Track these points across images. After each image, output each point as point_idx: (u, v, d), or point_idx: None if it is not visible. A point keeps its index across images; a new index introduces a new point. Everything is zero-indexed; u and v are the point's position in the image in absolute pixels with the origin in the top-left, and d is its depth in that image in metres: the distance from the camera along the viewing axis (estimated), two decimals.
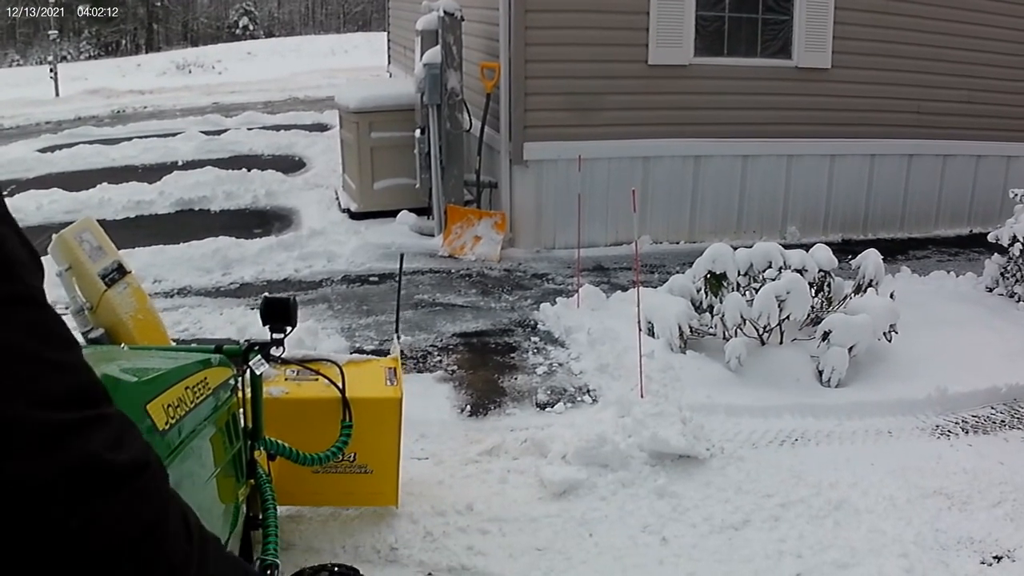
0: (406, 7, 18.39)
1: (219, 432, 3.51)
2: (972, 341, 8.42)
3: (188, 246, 10.69)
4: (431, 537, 5.39)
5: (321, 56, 40.12)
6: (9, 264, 1.18)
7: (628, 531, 5.55)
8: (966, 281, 10.07)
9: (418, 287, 10.10)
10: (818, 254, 8.02)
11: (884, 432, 7.05)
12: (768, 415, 7.09)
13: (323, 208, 13.11)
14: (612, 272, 10.79)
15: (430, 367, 8.01)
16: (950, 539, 5.61)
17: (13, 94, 27.15)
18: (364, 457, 5.17)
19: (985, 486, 6.25)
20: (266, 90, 27.87)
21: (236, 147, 17.15)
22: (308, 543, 5.26)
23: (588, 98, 11.30)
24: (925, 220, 13.41)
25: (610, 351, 7.78)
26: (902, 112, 12.67)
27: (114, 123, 21.10)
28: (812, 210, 12.70)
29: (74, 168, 15.71)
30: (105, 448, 1.20)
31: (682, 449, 6.20)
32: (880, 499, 6.00)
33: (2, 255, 1.18)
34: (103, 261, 5.04)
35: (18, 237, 1.23)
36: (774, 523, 5.68)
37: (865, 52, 12.25)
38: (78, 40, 59.26)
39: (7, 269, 1.17)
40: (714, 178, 12.10)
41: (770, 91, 12.06)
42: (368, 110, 12.35)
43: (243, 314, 8.91)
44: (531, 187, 11.46)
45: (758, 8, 11.81)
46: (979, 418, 7.39)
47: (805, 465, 6.40)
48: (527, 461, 6.30)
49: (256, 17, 67.06)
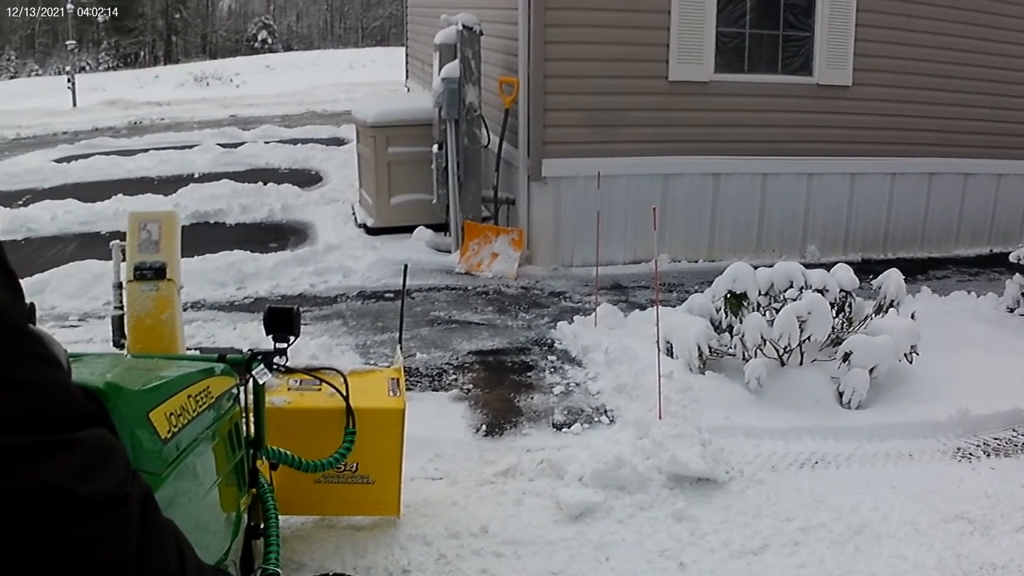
0: (424, 21, 18.38)
1: (221, 441, 3.51)
2: (993, 362, 8.32)
3: (203, 259, 10.64)
4: (444, 560, 5.33)
5: (339, 70, 40.21)
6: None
7: (645, 556, 5.47)
8: (987, 301, 9.98)
9: (434, 304, 10.04)
10: (839, 274, 7.94)
11: (905, 455, 6.97)
12: (788, 437, 7.01)
13: (339, 223, 13.08)
14: (630, 291, 10.72)
15: (445, 385, 7.95)
16: (972, 565, 5.52)
17: (31, 104, 27.27)
18: (366, 467, 5.15)
19: (1008, 510, 6.16)
20: (284, 103, 27.93)
21: (253, 160, 17.16)
22: (320, 564, 5.20)
23: (608, 114, 11.25)
24: (945, 239, 13.32)
25: (628, 371, 7.70)
26: (923, 130, 12.59)
27: (131, 134, 21.15)
28: (832, 229, 12.61)
29: (90, 179, 15.74)
30: (70, 476, 1.12)
31: (701, 472, 6.12)
32: (902, 524, 5.91)
33: None
34: (150, 256, 4.97)
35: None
36: (794, 548, 5.60)
37: (886, 70, 12.18)
38: (97, 51, 59.55)
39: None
40: (734, 196, 12.03)
41: (790, 108, 12.00)
42: (385, 124, 12.32)
43: (257, 329, 8.82)
44: (549, 204, 11.40)
45: (779, 25, 11.76)
46: (1001, 440, 7.29)
47: (825, 489, 6.31)
48: (543, 483, 6.23)
49: (275, 30, 67.27)
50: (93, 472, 1.15)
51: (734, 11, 11.52)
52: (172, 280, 4.98)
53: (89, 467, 1.15)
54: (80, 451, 1.15)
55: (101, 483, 1.16)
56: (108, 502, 1.16)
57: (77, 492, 1.12)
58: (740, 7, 11.53)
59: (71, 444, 1.14)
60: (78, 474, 1.13)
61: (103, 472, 1.17)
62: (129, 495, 1.19)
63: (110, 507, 1.16)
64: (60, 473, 1.12)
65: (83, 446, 1.16)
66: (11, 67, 55.70)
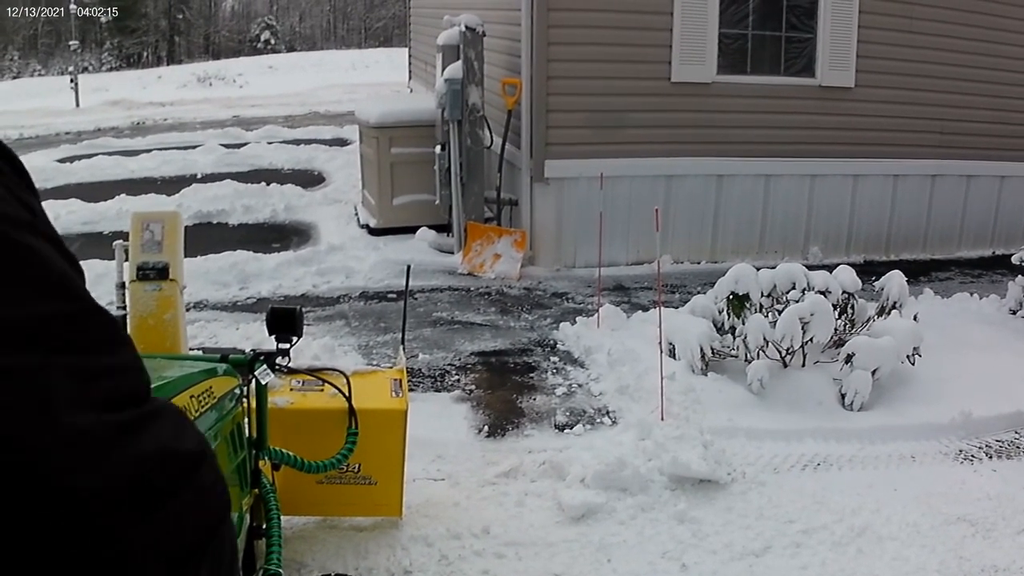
0: (428, 22, 18.38)
1: (224, 441, 3.52)
2: (996, 364, 8.32)
3: (205, 259, 10.64)
4: (446, 560, 5.33)
5: (342, 71, 40.19)
6: (57, 280, 1.16)
7: (647, 557, 5.47)
8: (989, 303, 9.97)
9: (436, 305, 10.04)
10: (842, 275, 7.93)
11: (907, 457, 6.97)
12: (790, 439, 7.01)
13: (342, 223, 13.08)
14: (633, 292, 10.72)
15: (448, 386, 7.95)
16: (974, 567, 5.52)
17: (34, 104, 27.27)
18: (368, 468, 5.17)
19: (1010, 513, 6.16)
20: (287, 104, 27.92)
21: (256, 161, 17.15)
22: (321, 565, 5.20)
23: (610, 115, 11.25)
24: (948, 241, 13.32)
25: (630, 372, 7.70)
26: (926, 132, 12.59)
27: (134, 135, 21.14)
28: (835, 230, 12.61)
29: (93, 179, 15.73)
30: (171, 438, 1.20)
31: (703, 473, 6.13)
32: (903, 526, 5.91)
33: (50, 273, 1.16)
34: (153, 256, 4.99)
35: (57, 249, 1.21)
36: (796, 550, 5.60)
37: (889, 71, 12.18)
38: (99, 51, 59.57)
39: (56, 287, 1.15)
40: (736, 197, 12.03)
41: (793, 110, 12.00)
42: (388, 125, 12.32)
43: (259, 329, 8.83)
44: (552, 205, 11.41)
45: (781, 26, 11.76)
46: (1003, 443, 7.29)
47: (827, 490, 6.32)
48: (545, 484, 6.23)
49: (278, 31, 67.26)
50: (184, 432, 1.24)
51: (737, 12, 11.52)
52: (175, 280, 4.99)
53: (180, 428, 1.24)
54: (170, 415, 1.23)
55: (192, 440, 1.24)
56: (201, 455, 1.24)
57: (179, 449, 1.20)
58: (743, 8, 11.53)
59: (163, 411, 1.21)
60: (175, 436, 1.21)
61: (190, 431, 1.26)
62: (206, 450, 1.28)
63: (203, 460, 1.24)
64: (163, 437, 1.18)
65: (169, 411, 1.24)
66: (14, 67, 55.72)
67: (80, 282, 1.21)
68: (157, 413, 1.20)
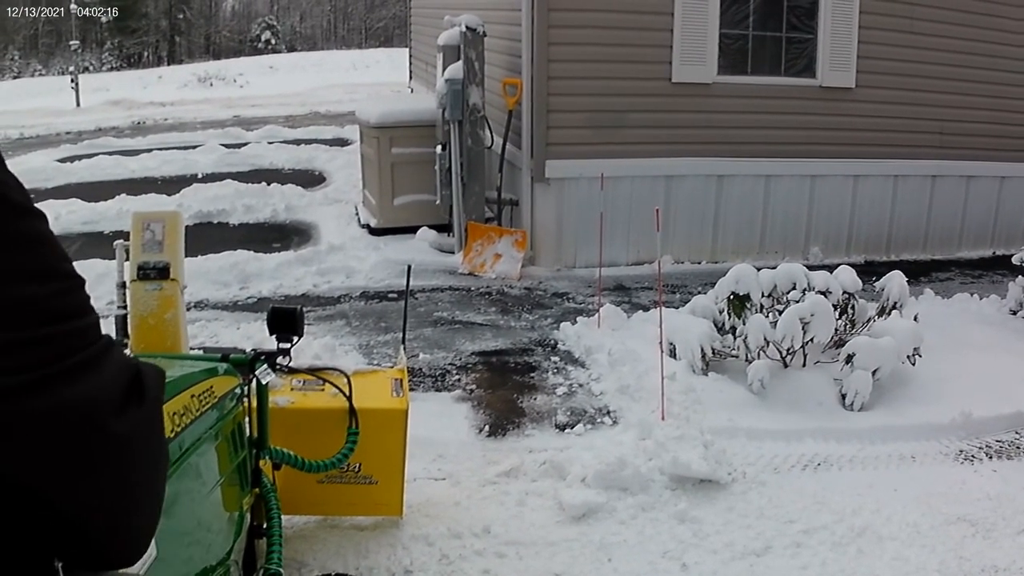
0: (428, 23, 18.38)
1: (224, 441, 3.51)
2: (996, 365, 8.31)
3: (206, 259, 10.64)
4: (447, 560, 5.33)
5: (343, 71, 40.21)
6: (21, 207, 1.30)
7: (648, 557, 5.47)
8: (990, 304, 9.97)
9: (437, 304, 10.05)
10: (842, 276, 7.94)
11: (907, 457, 6.96)
12: (790, 439, 7.01)
13: (342, 223, 13.07)
14: (633, 292, 10.72)
15: (448, 386, 7.95)
16: (974, 567, 5.52)
17: (34, 104, 27.32)
18: (369, 468, 5.15)
19: (1010, 513, 6.15)
20: (287, 104, 27.94)
21: (256, 160, 17.16)
22: (322, 564, 5.20)
23: (611, 116, 11.25)
24: (948, 242, 13.32)
25: (631, 372, 7.70)
26: (926, 133, 12.60)
27: (134, 134, 21.15)
28: (835, 231, 12.61)
29: (93, 179, 15.73)
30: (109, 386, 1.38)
31: (704, 473, 6.13)
32: (904, 526, 5.91)
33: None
34: (154, 255, 4.97)
35: (18, 186, 1.33)
36: (796, 550, 5.60)
37: (889, 72, 12.18)
38: (100, 51, 59.59)
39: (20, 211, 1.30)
40: (737, 198, 12.03)
41: (794, 110, 12.00)
42: (389, 125, 12.32)
43: (260, 328, 8.80)
44: (552, 205, 11.41)
45: (782, 26, 11.76)
46: (1003, 443, 7.28)
47: (828, 490, 6.31)
48: (546, 483, 6.23)
49: (278, 31, 67.28)
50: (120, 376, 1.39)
51: (737, 13, 11.52)
52: (176, 280, 4.98)
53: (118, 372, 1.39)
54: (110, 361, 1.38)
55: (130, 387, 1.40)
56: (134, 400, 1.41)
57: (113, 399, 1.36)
58: (743, 9, 11.54)
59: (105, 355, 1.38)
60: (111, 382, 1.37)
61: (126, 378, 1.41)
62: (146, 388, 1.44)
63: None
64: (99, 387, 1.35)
65: (111, 357, 1.38)
66: (15, 67, 55.74)
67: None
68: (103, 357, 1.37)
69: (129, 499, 1.43)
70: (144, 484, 1.47)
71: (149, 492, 1.49)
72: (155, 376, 1.50)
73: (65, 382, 1.28)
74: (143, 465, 1.45)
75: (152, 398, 1.46)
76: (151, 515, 1.51)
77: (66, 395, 1.28)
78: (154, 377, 1.49)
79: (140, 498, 1.46)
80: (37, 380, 1.25)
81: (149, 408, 1.45)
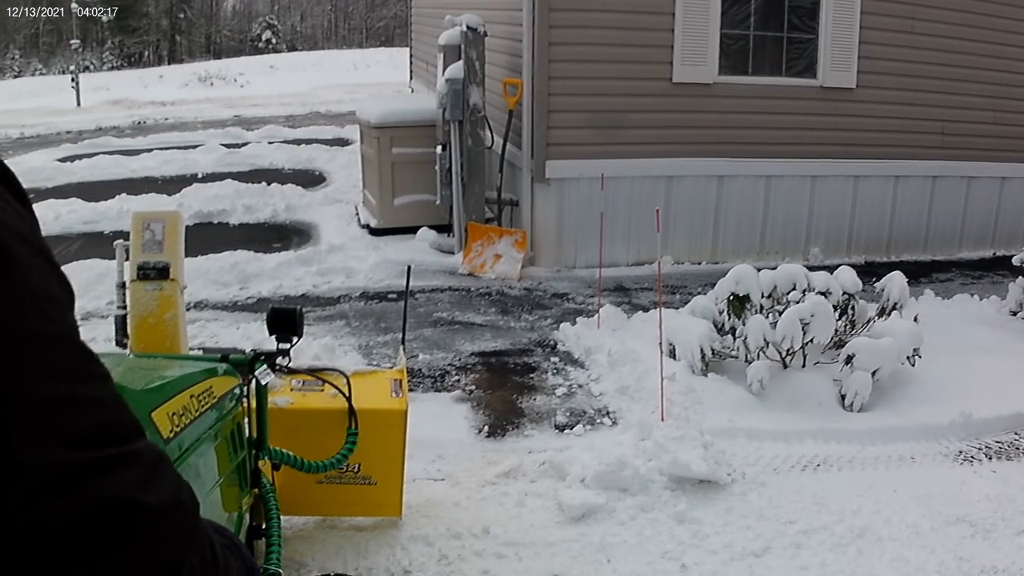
0: (429, 22, 18.37)
1: (224, 441, 3.52)
2: (996, 366, 8.32)
3: (206, 259, 10.64)
4: (446, 560, 5.33)
5: (343, 71, 40.18)
6: (41, 301, 1.14)
7: (647, 557, 5.47)
8: (990, 305, 9.98)
9: (437, 305, 10.04)
10: (842, 276, 7.93)
11: (907, 458, 6.96)
12: (790, 440, 7.01)
13: (343, 223, 13.07)
14: (633, 292, 10.72)
15: (448, 386, 7.95)
16: (974, 568, 5.51)
17: (35, 103, 27.29)
18: (368, 468, 5.16)
19: (1010, 514, 6.15)
20: (288, 104, 27.95)
21: (256, 160, 17.16)
22: (321, 564, 5.20)
23: (612, 116, 11.25)
24: (949, 242, 13.31)
25: (631, 373, 7.70)
26: (927, 133, 12.59)
27: (134, 134, 21.16)
28: (835, 231, 12.61)
29: (93, 178, 15.74)
30: (135, 488, 1.16)
31: (703, 474, 6.13)
32: (903, 527, 5.90)
33: (34, 292, 1.13)
34: (154, 255, 4.98)
35: (50, 268, 1.18)
36: (796, 551, 5.59)
37: (890, 72, 12.18)
38: (101, 50, 59.59)
39: (39, 307, 1.13)
40: (737, 198, 12.03)
41: (794, 111, 11.99)
42: (389, 125, 12.32)
43: (260, 329, 8.81)
44: (552, 205, 11.40)
45: (783, 27, 11.75)
46: (1003, 444, 7.29)
47: (827, 491, 6.31)
48: (545, 484, 6.23)
49: (279, 31, 67.28)
50: (153, 481, 1.19)
51: (738, 13, 11.52)
52: (175, 280, 4.98)
53: (149, 476, 1.19)
54: (141, 462, 1.19)
55: (161, 492, 1.20)
56: (168, 509, 1.20)
57: (142, 501, 1.16)
58: (744, 9, 11.53)
59: (133, 456, 1.18)
60: (140, 485, 1.16)
61: (161, 480, 1.21)
62: (182, 501, 1.24)
63: (169, 512, 1.20)
64: (126, 485, 1.15)
65: (142, 456, 1.19)
66: (15, 66, 55.73)
67: (66, 305, 1.19)
68: (131, 456, 1.17)
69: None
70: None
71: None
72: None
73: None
74: None
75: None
76: None
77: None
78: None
79: None
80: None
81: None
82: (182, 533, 1.22)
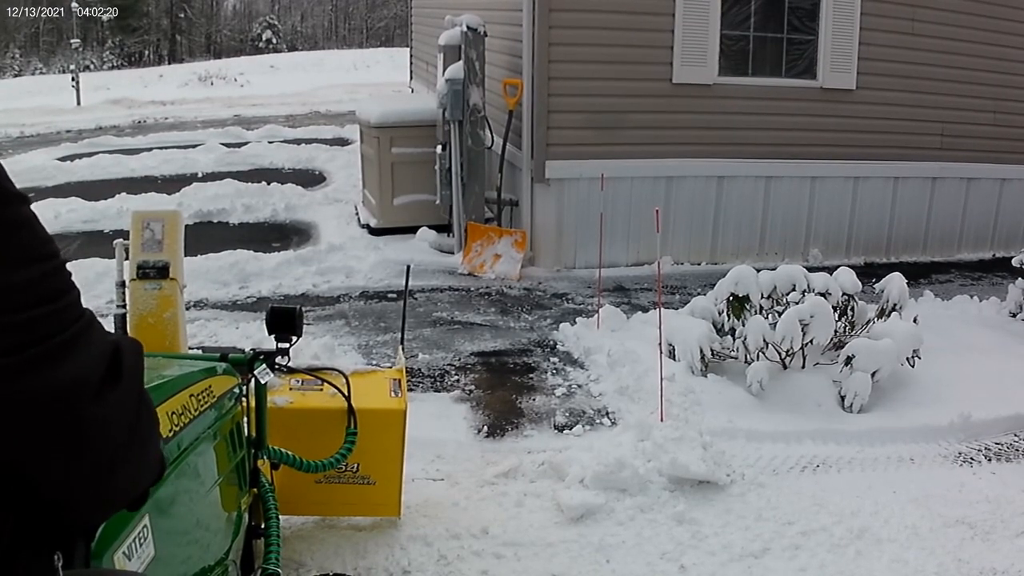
0: (429, 23, 18.38)
1: (223, 440, 3.50)
2: (995, 367, 8.31)
3: (205, 258, 10.63)
4: (445, 560, 5.33)
5: (343, 71, 40.20)
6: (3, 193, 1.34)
7: (646, 558, 5.47)
8: (989, 306, 9.98)
9: (436, 305, 10.04)
10: (842, 277, 7.93)
11: (906, 459, 6.96)
12: (789, 440, 7.00)
13: (342, 223, 13.07)
14: (633, 293, 10.72)
15: (447, 386, 7.94)
16: (973, 570, 5.51)
17: (35, 102, 27.28)
18: (367, 468, 5.16)
19: (1008, 516, 6.14)
20: (288, 104, 27.95)
21: (256, 160, 17.16)
22: (320, 564, 5.20)
23: (611, 116, 11.25)
24: (948, 244, 13.32)
25: (630, 373, 7.70)
26: (927, 135, 12.60)
27: (135, 133, 21.14)
28: (835, 232, 12.61)
29: (93, 178, 15.74)
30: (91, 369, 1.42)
31: (702, 475, 6.12)
32: (902, 528, 5.90)
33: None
34: (153, 255, 4.97)
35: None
36: (795, 552, 5.59)
37: (890, 73, 12.18)
38: (101, 50, 59.61)
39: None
40: (737, 199, 12.03)
41: (794, 112, 11.99)
42: (389, 125, 12.31)
43: (259, 328, 8.81)
44: (552, 205, 11.40)
45: (783, 28, 11.75)
46: (1002, 445, 7.28)
47: (826, 492, 6.30)
48: (544, 484, 6.22)
49: (279, 31, 67.33)
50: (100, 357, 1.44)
51: (738, 14, 11.52)
52: (175, 279, 4.97)
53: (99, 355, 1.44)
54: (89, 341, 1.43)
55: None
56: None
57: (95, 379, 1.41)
58: (744, 10, 11.53)
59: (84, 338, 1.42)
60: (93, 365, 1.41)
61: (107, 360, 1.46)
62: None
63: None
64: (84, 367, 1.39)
65: (91, 336, 1.44)
66: (15, 65, 55.77)
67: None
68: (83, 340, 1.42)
69: (108, 474, 1.47)
70: (126, 458, 1.51)
71: (133, 460, 1.54)
72: (133, 350, 1.54)
73: (47, 365, 1.31)
74: (124, 441, 1.48)
75: (130, 375, 1.50)
76: (136, 481, 1.59)
77: (48, 378, 1.32)
78: (132, 352, 1.53)
79: (119, 471, 1.50)
80: (20, 363, 1.28)
81: (127, 385, 1.48)
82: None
